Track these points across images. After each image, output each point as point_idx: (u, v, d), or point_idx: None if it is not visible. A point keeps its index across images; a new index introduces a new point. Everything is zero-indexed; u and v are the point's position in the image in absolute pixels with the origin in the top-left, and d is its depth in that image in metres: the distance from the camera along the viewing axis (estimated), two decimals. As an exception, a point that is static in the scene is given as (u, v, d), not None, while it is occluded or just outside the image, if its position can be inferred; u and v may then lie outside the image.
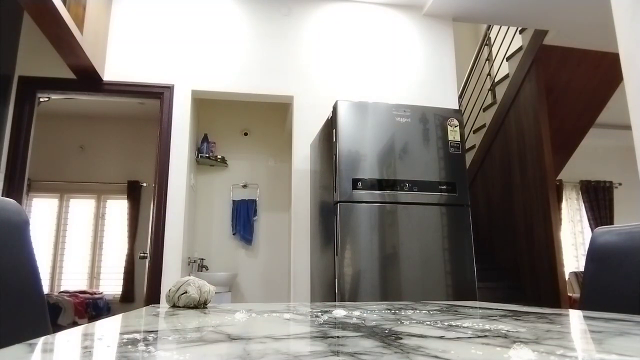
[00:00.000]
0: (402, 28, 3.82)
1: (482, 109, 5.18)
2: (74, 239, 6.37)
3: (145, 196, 6.36)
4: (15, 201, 0.86)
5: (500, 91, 4.93)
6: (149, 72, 3.35)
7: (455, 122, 2.82)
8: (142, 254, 3.28)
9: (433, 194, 2.67)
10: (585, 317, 0.77)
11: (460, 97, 4.92)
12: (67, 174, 6.33)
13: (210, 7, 3.56)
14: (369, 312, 0.79)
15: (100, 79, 3.24)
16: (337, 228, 2.51)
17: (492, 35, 5.18)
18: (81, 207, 6.50)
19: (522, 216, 4.36)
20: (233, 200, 4.62)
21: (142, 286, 6.00)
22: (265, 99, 3.58)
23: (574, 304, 4.47)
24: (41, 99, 3.51)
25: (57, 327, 4.71)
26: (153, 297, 3.04)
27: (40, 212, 6.27)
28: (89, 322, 3.45)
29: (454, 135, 2.79)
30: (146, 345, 0.42)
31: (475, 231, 2.80)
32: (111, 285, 6.26)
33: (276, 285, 4.56)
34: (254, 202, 4.65)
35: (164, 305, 0.92)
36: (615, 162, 6.50)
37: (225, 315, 0.74)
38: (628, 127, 2.14)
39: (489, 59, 5.33)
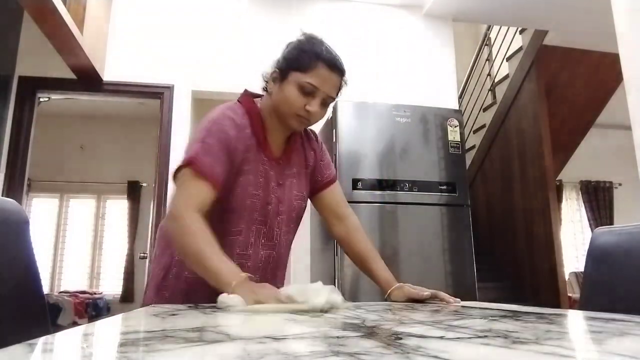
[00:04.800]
0: (402, 28, 3.82)
1: (482, 109, 5.18)
2: (74, 239, 6.37)
3: (145, 196, 6.36)
4: (15, 201, 0.86)
5: (500, 91, 4.93)
6: (149, 72, 3.35)
7: (455, 122, 2.81)
8: (142, 254, 3.28)
9: (433, 194, 2.66)
10: (585, 317, 0.77)
11: (460, 97, 4.92)
12: (67, 174, 6.32)
13: (211, 6, 3.56)
14: (369, 312, 0.79)
15: (100, 79, 3.23)
16: (337, 228, 2.51)
17: (492, 36, 5.18)
18: (81, 207, 6.50)
19: (522, 216, 4.36)
20: (233, 200, 4.61)
21: (142, 286, 6.00)
22: (265, 99, 3.57)
23: (574, 304, 4.46)
24: (41, 99, 3.51)
25: (57, 327, 4.71)
26: (153, 297, 3.03)
27: (40, 212, 6.27)
28: (89, 322, 3.45)
29: (454, 135, 2.79)
30: (146, 345, 0.42)
31: (475, 231, 2.80)
32: (111, 285, 6.26)
33: (276, 285, 4.55)
34: (254, 202, 4.63)
35: (163, 305, 0.92)
36: (615, 162, 6.48)
37: (225, 315, 0.74)
38: (628, 127, 2.14)
39: (489, 59, 5.33)
